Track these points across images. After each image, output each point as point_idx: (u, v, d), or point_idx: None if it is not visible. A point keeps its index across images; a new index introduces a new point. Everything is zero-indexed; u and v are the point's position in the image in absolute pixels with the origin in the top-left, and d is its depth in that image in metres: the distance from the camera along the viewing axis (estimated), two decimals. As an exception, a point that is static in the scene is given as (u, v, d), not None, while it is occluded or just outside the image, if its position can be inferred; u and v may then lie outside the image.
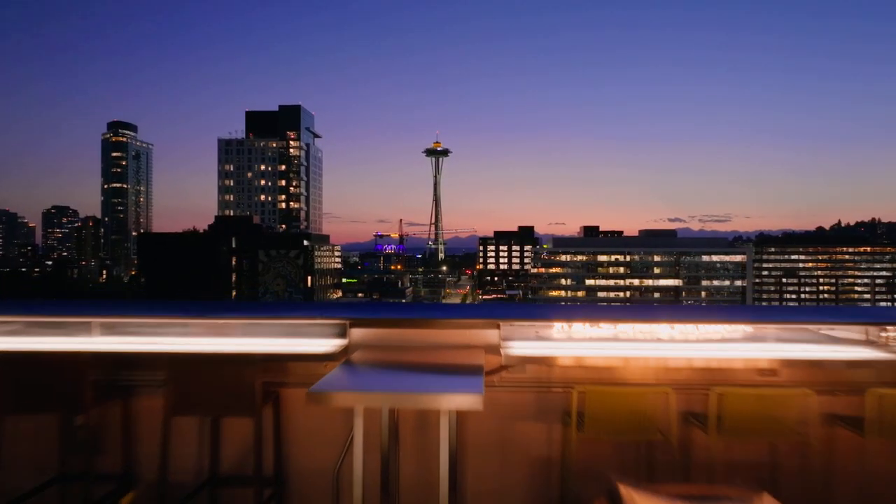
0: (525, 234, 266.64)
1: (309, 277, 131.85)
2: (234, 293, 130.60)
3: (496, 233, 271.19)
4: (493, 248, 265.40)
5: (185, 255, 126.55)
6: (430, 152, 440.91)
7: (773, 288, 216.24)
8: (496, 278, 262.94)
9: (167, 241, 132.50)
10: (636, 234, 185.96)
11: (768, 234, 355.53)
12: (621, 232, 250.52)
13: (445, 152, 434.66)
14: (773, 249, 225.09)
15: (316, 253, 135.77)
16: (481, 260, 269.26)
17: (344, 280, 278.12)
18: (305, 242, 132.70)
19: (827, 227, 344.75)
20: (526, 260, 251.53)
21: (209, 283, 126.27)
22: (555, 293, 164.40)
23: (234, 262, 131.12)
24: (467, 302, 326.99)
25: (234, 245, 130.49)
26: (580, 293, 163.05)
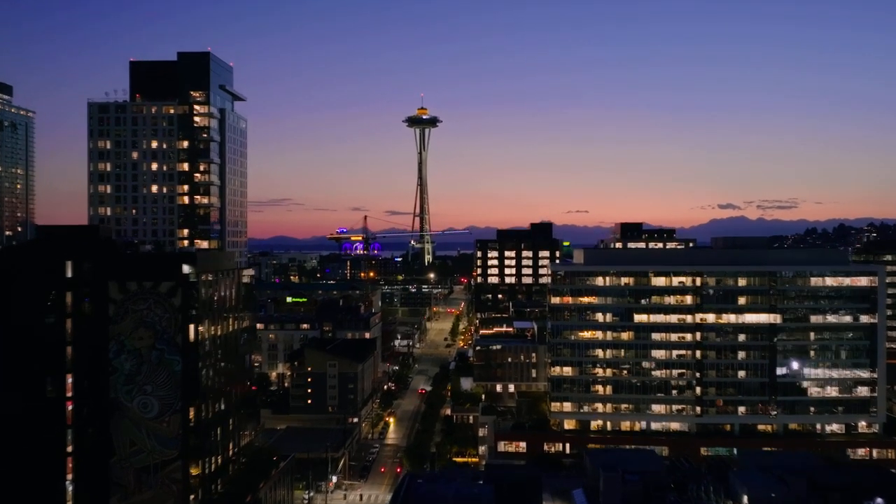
0: (540, 235, 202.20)
1: (191, 326, 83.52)
2: (69, 350, 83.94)
3: (500, 233, 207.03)
4: (495, 253, 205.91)
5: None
6: (414, 121, 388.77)
7: (889, 313, 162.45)
8: (500, 296, 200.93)
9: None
10: (686, 227, 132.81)
11: (849, 224, 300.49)
12: (673, 231, 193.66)
13: (433, 121, 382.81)
14: (889, 258, 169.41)
15: (206, 281, 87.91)
16: (479, 269, 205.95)
17: (289, 299, 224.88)
18: (186, 268, 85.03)
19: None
20: (541, 271, 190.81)
21: (24, 334, 80.00)
22: (586, 334, 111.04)
23: (69, 302, 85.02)
24: (460, 328, 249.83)
25: (69, 273, 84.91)
26: (625, 335, 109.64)
